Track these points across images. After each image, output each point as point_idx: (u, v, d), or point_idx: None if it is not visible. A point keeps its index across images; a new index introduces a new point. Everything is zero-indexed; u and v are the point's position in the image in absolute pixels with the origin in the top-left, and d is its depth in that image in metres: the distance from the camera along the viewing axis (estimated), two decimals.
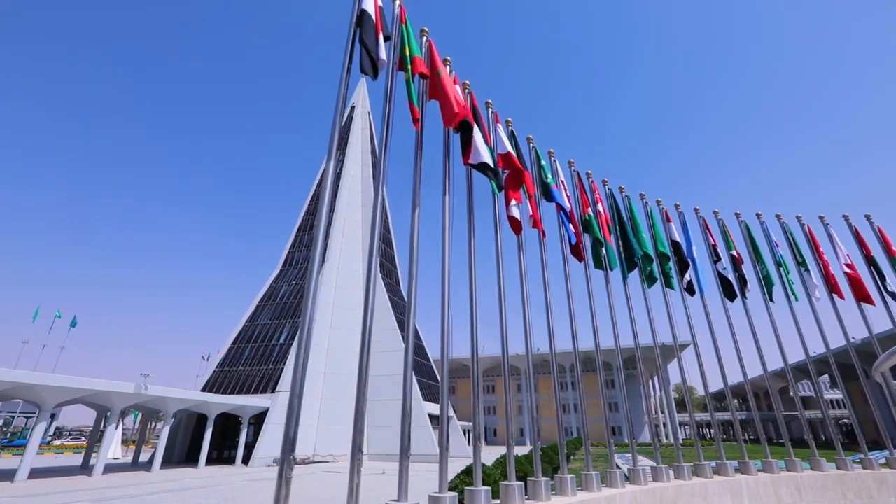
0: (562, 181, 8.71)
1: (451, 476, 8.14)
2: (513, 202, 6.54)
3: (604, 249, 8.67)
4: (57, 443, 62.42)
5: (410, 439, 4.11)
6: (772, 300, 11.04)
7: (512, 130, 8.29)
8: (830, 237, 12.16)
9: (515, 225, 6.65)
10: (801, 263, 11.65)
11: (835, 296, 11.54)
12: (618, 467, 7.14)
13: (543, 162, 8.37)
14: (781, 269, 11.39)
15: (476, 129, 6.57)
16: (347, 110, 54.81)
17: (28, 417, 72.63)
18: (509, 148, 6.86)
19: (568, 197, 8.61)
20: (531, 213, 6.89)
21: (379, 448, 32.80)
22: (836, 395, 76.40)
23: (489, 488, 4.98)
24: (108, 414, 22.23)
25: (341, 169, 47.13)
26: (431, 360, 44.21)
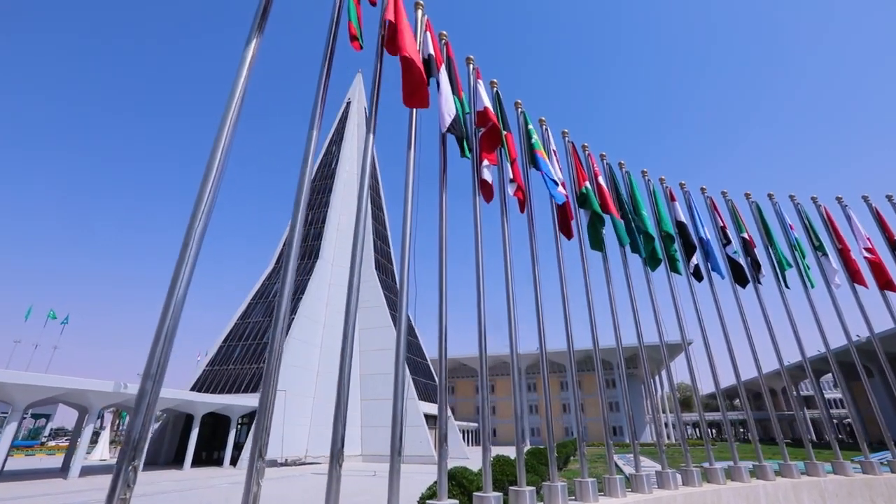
0: (553, 150, 7.75)
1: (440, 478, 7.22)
2: (485, 163, 5.57)
3: (604, 227, 7.71)
4: (52, 444, 61.67)
5: (345, 439, 3.20)
6: (787, 286, 10.04)
7: (497, 92, 7.34)
8: (849, 219, 11.16)
9: (487, 190, 5.69)
10: (819, 247, 10.66)
11: (856, 285, 10.53)
12: (619, 470, 6.21)
13: (531, 127, 7.39)
14: (796, 252, 10.39)
15: (444, 80, 5.62)
16: (343, 105, 53.90)
17: (23, 418, 71.69)
18: (487, 103, 5.91)
19: (560, 168, 7.65)
20: (512, 177, 5.92)
21: (373, 449, 31.90)
22: (839, 393, 75.08)
23: (456, 501, 4.07)
24: (88, 414, 21.35)
25: (336, 164, 46.24)
26: (428, 359, 43.22)
